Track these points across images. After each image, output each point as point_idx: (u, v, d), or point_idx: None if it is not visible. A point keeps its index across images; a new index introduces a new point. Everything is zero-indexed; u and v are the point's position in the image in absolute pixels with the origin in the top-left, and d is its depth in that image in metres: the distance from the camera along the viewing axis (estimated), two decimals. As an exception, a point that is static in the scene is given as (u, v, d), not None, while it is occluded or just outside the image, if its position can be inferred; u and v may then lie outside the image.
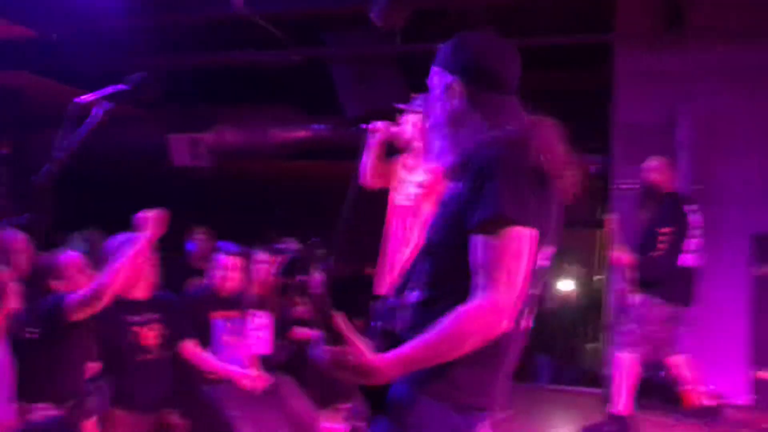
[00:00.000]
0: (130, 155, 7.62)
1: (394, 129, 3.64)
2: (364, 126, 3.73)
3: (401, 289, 1.74)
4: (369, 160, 3.73)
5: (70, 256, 3.26)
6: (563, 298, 7.71)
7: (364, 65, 6.27)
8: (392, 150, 3.77)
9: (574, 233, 8.73)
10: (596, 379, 7.04)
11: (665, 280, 4.65)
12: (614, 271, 5.67)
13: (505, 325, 1.57)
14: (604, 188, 6.61)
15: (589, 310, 7.67)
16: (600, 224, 8.00)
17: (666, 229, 4.58)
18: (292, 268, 4.99)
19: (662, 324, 4.66)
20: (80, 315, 3.02)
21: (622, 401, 4.67)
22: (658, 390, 5.21)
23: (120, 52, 6.50)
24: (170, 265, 4.32)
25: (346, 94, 6.12)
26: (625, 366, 4.68)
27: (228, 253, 4.31)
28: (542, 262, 1.71)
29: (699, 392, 4.78)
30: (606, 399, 5.06)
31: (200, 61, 7.01)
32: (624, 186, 4.96)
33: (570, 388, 7.16)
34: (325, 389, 5.01)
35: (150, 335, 3.59)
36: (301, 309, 5.36)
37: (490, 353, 1.64)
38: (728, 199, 5.65)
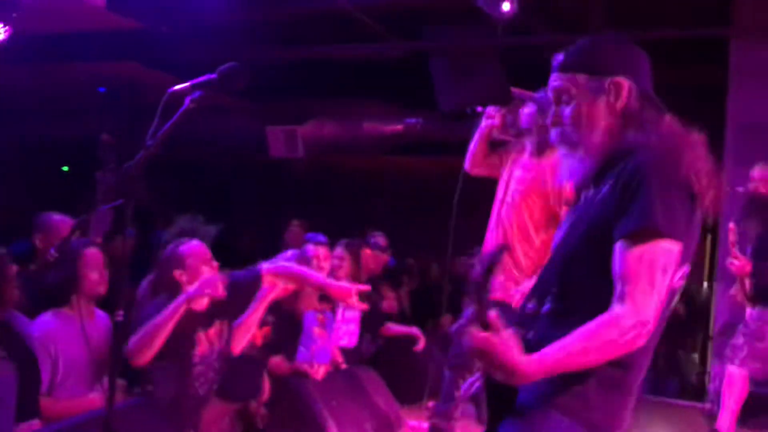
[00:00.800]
0: (230, 146, 7.81)
1: (509, 117, 3.54)
2: (479, 110, 3.64)
3: (538, 296, 1.71)
4: (476, 146, 3.64)
5: (193, 246, 3.12)
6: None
7: (463, 59, 6.15)
8: (499, 141, 3.68)
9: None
10: (699, 392, 6.68)
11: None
12: (724, 280, 5.33)
13: (643, 339, 1.53)
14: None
15: (695, 319, 7.27)
16: (709, 230, 7.57)
17: None
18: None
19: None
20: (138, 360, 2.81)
21: (727, 418, 4.37)
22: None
23: (223, 45, 6.65)
24: (264, 255, 4.39)
25: (442, 87, 6.01)
26: (734, 381, 4.38)
27: (317, 243, 4.32)
28: (678, 281, 1.65)
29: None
30: (710, 414, 4.76)
31: (300, 54, 7.09)
32: (738, 189, 4.63)
33: (671, 400, 6.81)
34: (412, 386, 4.96)
35: (258, 334, 3.63)
36: (388, 303, 5.34)
37: (623, 373, 1.62)
38: None
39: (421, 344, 5.16)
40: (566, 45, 1.90)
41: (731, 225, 4.51)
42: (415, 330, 5.20)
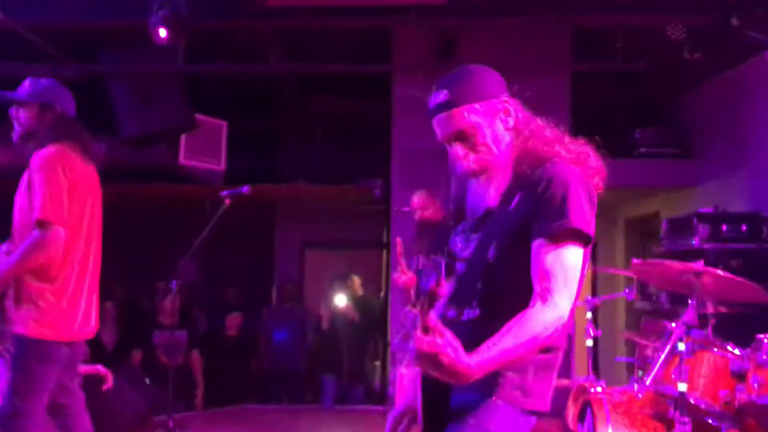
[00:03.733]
0: None
1: None
2: None
3: (457, 304, 1.84)
4: None
5: None
6: (348, 317, 7.82)
7: (144, 83, 6.01)
8: None
9: (362, 254, 8.99)
10: (383, 397, 7.24)
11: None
12: (396, 290, 5.87)
13: (560, 331, 1.70)
14: (386, 211, 6.88)
15: (375, 328, 7.87)
16: (384, 245, 8.30)
17: None
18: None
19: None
20: None
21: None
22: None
23: None
24: None
25: (123, 112, 5.81)
26: (403, 382, 4.83)
27: None
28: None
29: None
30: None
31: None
32: (402, 209, 5.19)
33: (357, 406, 7.29)
34: (104, 425, 4.68)
35: None
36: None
37: (552, 355, 1.81)
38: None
39: (108, 382, 4.87)
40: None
41: (398, 240, 5.01)
42: (100, 368, 4.90)
